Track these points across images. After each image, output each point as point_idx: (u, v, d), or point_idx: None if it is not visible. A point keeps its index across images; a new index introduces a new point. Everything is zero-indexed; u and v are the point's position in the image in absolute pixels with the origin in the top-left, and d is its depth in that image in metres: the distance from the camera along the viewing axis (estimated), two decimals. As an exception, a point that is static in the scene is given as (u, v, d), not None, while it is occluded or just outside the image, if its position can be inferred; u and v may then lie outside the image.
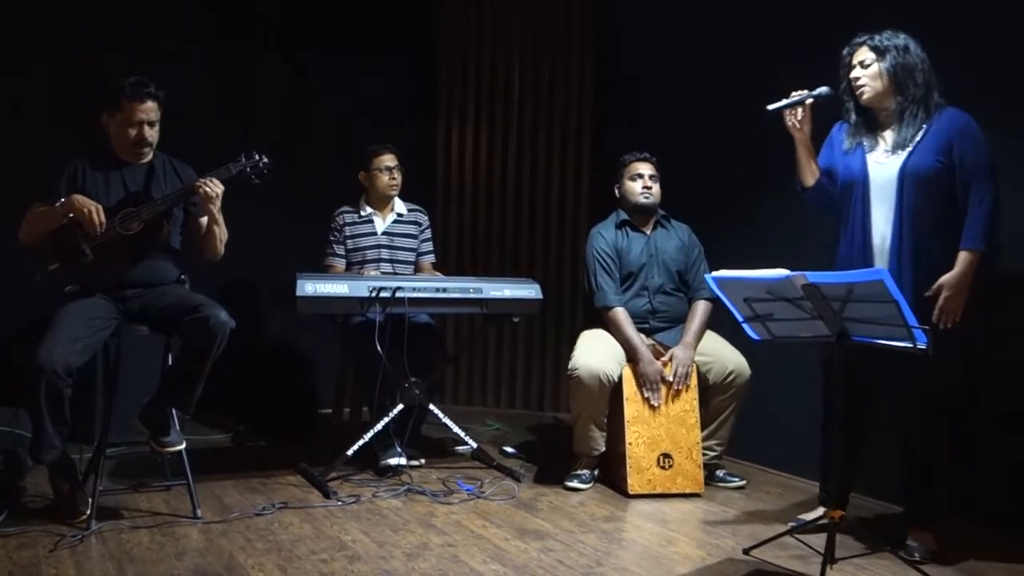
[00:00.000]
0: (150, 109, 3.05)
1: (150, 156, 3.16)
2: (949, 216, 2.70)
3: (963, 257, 2.64)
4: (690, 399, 3.46)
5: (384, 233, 4.00)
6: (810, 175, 2.92)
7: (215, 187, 3.00)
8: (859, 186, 2.80)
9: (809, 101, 2.86)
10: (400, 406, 3.54)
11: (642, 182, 3.67)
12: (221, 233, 3.14)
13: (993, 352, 2.98)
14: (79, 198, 2.92)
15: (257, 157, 3.14)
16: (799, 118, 2.86)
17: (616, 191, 3.77)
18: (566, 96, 5.05)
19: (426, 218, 4.14)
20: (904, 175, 2.71)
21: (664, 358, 3.50)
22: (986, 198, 2.64)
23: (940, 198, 2.70)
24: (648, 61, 4.60)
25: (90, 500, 2.87)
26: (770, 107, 2.86)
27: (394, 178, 3.96)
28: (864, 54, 2.79)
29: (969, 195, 2.66)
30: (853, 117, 2.87)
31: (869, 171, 2.80)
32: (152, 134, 3.09)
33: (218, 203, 3.03)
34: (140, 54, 4.16)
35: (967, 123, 2.70)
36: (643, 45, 4.67)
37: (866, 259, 2.77)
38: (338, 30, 4.85)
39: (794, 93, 2.86)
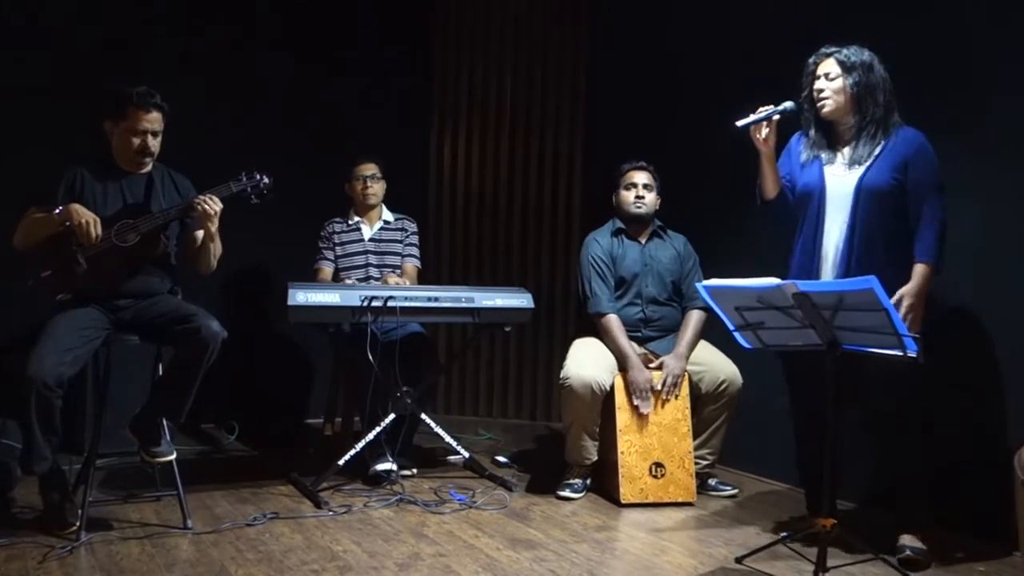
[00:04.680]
0: (155, 119, 3.06)
1: (150, 167, 3.16)
2: (900, 232, 2.77)
3: (920, 269, 2.71)
4: (682, 408, 3.47)
5: (371, 240, 4.04)
6: (773, 187, 2.97)
7: (214, 205, 3.00)
8: (816, 197, 2.87)
9: (776, 117, 2.89)
10: (392, 415, 3.54)
11: (635, 192, 3.68)
12: (216, 249, 3.14)
13: (985, 359, 3.01)
14: (77, 208, 2.91)
15: (258, 177, 3.13)
16: (764, 134, 2.88)
17: (613, 199, 3.78)
18: (558, 104, 5.06)
19: (413, 226, 4.17)
20: (860, 190, 2.78)
21: (654, 365, 3.51)
22: (938, 217, 2.72)
23: (892, 214, 2.77)
24: (640, 70, 4.61)
25: (80, 511, 2.84)
26: (738, 124, 2.89)
27: (368, 187, 4.01)
28: (830, 66, 2.83)
29: (921, 212, 2.73)
30: (812, 130, 2.93)
31: (826, 183, 2.86)
32: (155, 145, 3.10)
33: (216, 221, 3.03)
34: (137, 56, 4.15)
35: (922, 144, 2.78)
36: (635, 54, 4.68)
37: (816, 267, 2.85)
38: (332, 39, 4.86)
39: (761, 109, 2.90)
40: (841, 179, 2.83)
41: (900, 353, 2.40)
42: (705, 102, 4.16)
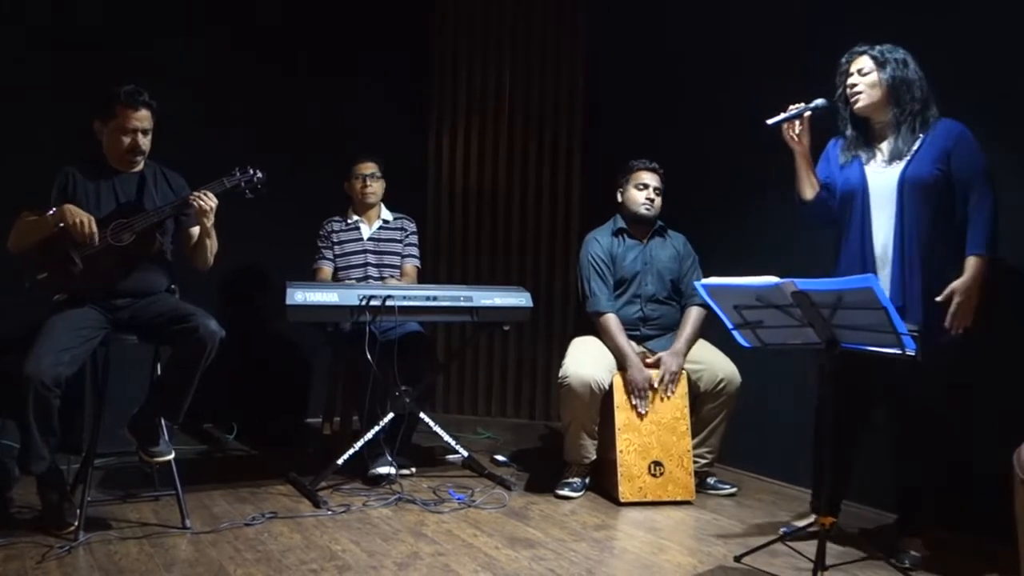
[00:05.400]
0: (144, 117, 3.06)
1: (141, 165, 3.16)
2: (950, 223, 2.71)
3: (972, 263, 2.65)
4: (681, 407, 3.46)
5: (370, 239, 4.04)
6: (809, 188, 2.91)
7: (209, 201, 2.99)
8: (859, 196, 2.81)
9: (807, 114, 2.85)
10: (391, 415, 3.54)
11: (646, 193, 3.67)
12: (212, 245, 3.13)
13: (986, 357, 3.00)
14: (71, 208, 2.90)
15: (252, 172, 3.13)
16: (797, 131, 2.85)
17: (618, 195, 3.76)
18: (557, 104, 5.06)
19: (412, 225, 4.16)
20: (904, 183, 2.72)
21: (650, 360, 3.51)
22: (987, 205, 2.66)
23: (940, 206, 2.71)
24: (640, 69, 4.61)
25: (78, 511, 2.84)
26: (769, 121, 2.85)
27: (367, 186, 4.00)
28: (863, 62, 2.79)
29: (969, 202, 2.68)
30: (849, 129, 2.88)
31: (868, 180, 2.80)
32: (145, 143, 3.09)
33: (212, 217, 3.03)
34: (133, 56, 4.14)
35: (962, 132, 2.72)
36: (635, 54, 4.69)
37: (867, 268, 2.77)
38: (331, 38, 4.86)
39: (791, 106, 2.85)
40: (883, 174, 2.78)
41: (899, 351, 2.39)
42: (705, 102, 4.16)
